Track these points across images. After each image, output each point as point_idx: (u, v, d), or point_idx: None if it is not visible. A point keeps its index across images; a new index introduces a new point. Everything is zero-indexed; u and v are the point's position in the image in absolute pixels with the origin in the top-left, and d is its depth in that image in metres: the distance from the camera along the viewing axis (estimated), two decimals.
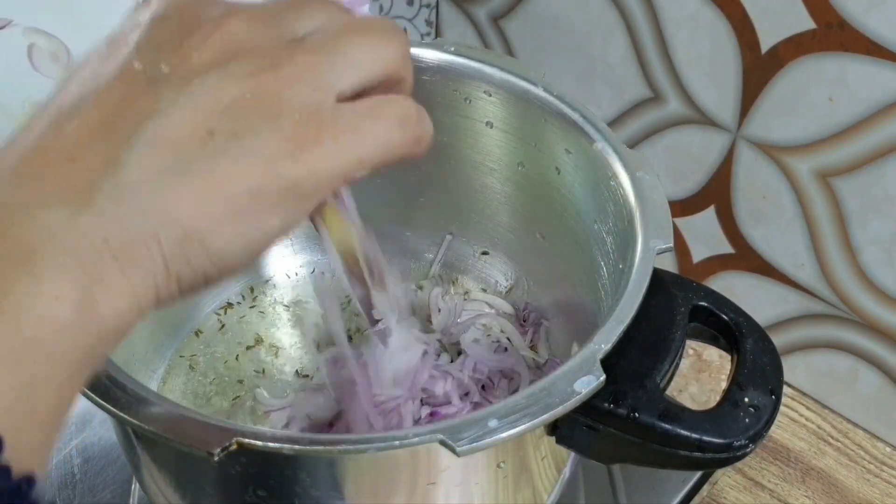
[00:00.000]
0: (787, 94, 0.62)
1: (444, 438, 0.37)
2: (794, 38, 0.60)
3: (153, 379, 0.59)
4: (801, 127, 0.62)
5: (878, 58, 0.57)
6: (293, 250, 0.66)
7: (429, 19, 0.81)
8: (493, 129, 0.58)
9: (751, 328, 0.45)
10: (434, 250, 0.66)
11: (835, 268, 0.66)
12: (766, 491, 0.65)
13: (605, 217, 0.51)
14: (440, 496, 0.43)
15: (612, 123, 0.72)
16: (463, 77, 0.56)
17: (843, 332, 0.68)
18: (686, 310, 0.45)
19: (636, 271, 0.44)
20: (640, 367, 0.42)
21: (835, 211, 0.63)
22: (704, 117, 0.67)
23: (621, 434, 0.41)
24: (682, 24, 0.65)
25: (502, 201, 0.61)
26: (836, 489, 0.66)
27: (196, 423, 0.38)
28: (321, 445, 0.38)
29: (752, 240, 0.69)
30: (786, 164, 0.64)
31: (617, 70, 0.70)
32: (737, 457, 0.41)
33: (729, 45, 0.63)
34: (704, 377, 0.71)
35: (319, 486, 0.41)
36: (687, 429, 0.40)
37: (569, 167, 0.54)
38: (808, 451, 0.68)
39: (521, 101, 0.55)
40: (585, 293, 0.55)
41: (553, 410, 0.38)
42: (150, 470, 0.47)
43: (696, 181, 0.70)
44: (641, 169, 0.49)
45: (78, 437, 0.63)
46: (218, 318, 0.63)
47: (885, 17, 0.56)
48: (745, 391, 0.42)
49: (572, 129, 0.53)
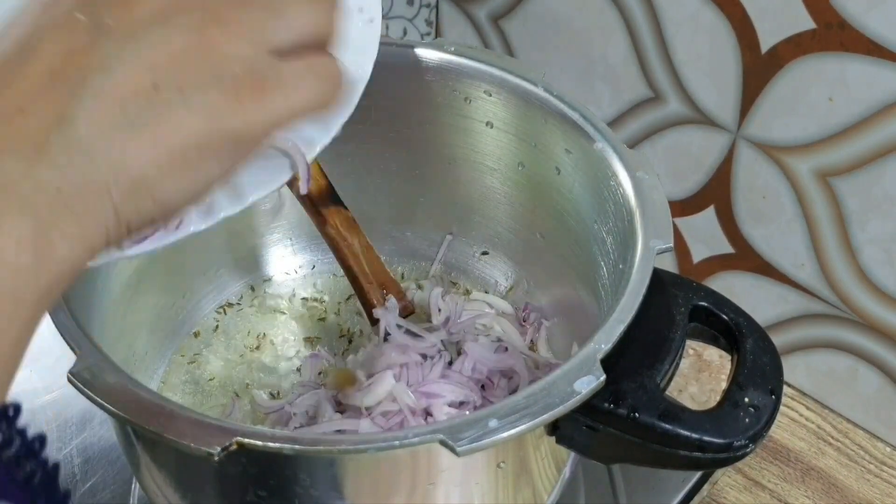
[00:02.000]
0: (787, 94, 0.62)
1: (444, 438, 0.37)
2: (794, 38, 0.60)
3: (153, 379, 0.59)
4: (801, 127, 0.62)
5: (878, 58, 0.57)
6: (293, 250, 0.66)
7: (429, 19, 0.81)
8: (493, 129, 0.58)
9: (751, 328, 0.45)
10: (434, 250, 0.66)
11: (835, 268, 0.66)
12: (766, 491, 0.65)
13: (605, 217, 0.51)
14: (440, 496, 0.43)
15: (612, 123, 0.72)
16: (463, 77, 0.56)
17: (843, 332, 0.68)
18: (686, 310, 0.45)
19: (636, 271, 0.44)
20: (640, 368, 0.42)
21: (835, 211, 0.63)
22: (704, 117, 0.67)
23: (621, 434, 0.41)
24: (682, 24, 0.65)
25: (502, 201, 0.61)
26: (836, 489, 0.66)
27: (196, 423, 0.38)
28: (321, 445, 0.38)
29: (752, 240, 0.69)
30: (786, 164, 0.64)
31: (617, 70, 0.70)
32: (737, 457, 0.41)
33: (729, 45, 0.63)
34: (704, 377, 0.71)
35: (319, 486, 0.41)
36: (687, 429, 0.40)
37: (569, 167, 0.54)
38: (808, 451, 0.68)
39: (521, 101, 0.55)
40: (585, 293, 0.55)
41: (553, 410, 0.38)
42: (150, 470, 0.47)
43: (696, 181, 0.70)
44: (641, 169, 0.49)
45: (78, 437, 0.63)
46: (217, 317, 0.63)
47: (885, 17, 0.56)
48: (745, 391, 0.42)
49: (572, 129, 0.53)
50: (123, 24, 0.30)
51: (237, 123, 0.31)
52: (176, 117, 0.30)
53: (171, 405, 0.39)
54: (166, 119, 0.30)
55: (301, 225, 0.64)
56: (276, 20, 0.32)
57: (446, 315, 0.60)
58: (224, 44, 0.31)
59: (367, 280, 0.58)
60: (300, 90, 0.33)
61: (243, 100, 0.31)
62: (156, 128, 0.29)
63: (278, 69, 0.32)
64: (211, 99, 0.30)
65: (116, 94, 0.29)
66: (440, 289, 0.62)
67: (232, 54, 0.31)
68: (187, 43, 0.30)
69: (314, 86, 0.33)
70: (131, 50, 0.30)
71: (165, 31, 0.30)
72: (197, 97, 0.30)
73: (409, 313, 0.59)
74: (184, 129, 0.30)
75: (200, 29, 0.30)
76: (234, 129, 0.31)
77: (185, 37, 0.30)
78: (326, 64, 0.34)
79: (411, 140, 0.61)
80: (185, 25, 0.30)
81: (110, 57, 0.29)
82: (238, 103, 0.31)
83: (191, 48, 0.30)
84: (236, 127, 0.31)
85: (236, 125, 0.31)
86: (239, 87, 0.31)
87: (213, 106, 0.30)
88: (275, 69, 0.32)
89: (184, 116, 0.30)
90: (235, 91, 0.31)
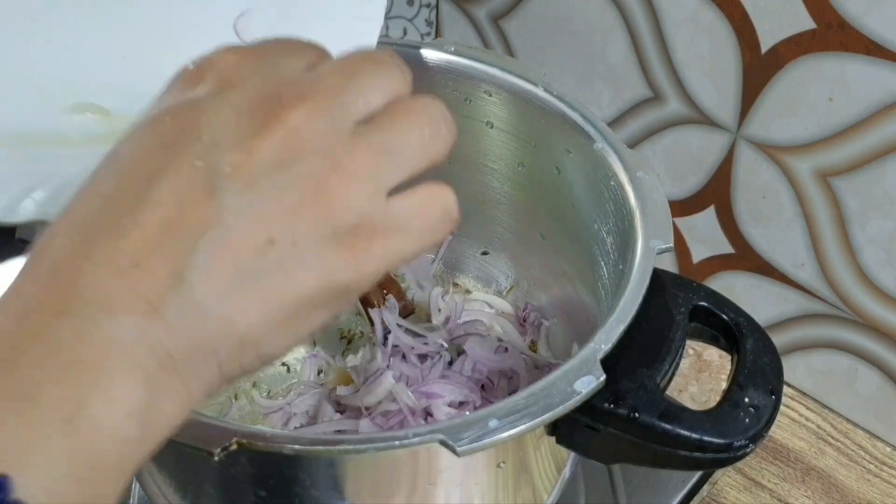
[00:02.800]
0: (787, 94, 0.62)
1: (444, 438, 0.37)
2: (794, 38, 0.60)
3: None
4: (801, 127, 0.62)
5: (878, 58, 0.57)
6: None
7: (429, 19, 0.81)
8: (493, 129, 0.58)
9: (751, 328, 0.45)
10: (434, 250, 0.66)
11: (835, 268, 0.66)
12: (766, 491, 0.65)
13: (605, 217, 0.51)
14: (440, 496, 0.43)
15: (612, 123, 0.72)
16: (463, 77, 0.56)
17: (843, 332, 0.68)
18: (686, 310, 0.45)
19: (636, 271, 0.44)
20: (640, 368, 0.42)
21: (835, 211, 0.63)
22: (704, 117, 0.67)
23: (621, 434, 0.41)
24: (682, 24, 0.65)
25: (502, 201, 0.61)
26: (836, 489, 0.66)
27: (196, 423, 0.38)
28: (321, 445, 0.38)
29: (752, 239, 0.69)
30: (786, 164, 0.64)
31: (617, 70, 0.70)
32: (737, 457, 0.41)
33: (729, 45, 0.63)
34: (704, 377, 0.71)
35: (319, 486, 0.41)
36: (687, 429, 0.40)
37: (569, 167, 0.54)
38: (808, 451, 0.68)
39: (521, 101, 0.55)
40: (585, 293, 0.55)
41: (553, 410, 0.38)
42: (150, 470, 0.47)
43: (696, 181, 0.70)
44: (641, 169, 0.49)
45: None
46: None
47: (885, 17, 0.56)
48: (746, 391, 0.42)
49: (572, 129, 0.53)
50: (242, 172, 0.29)
51: (349, 276, 0.30)
52: (288, 276, 0.29)
53: None
54: (279, 278, 0.29)
55: None
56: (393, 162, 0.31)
57: (446, 315, 0.60)
58: (341, 194, 0.29)
59: None
60: (413, 231, 0.31)
61: (357, 252, 0.30)
62: (268, 285, 0.29)
63: (392, 213, 0.31)
64: (325, 255, 0.29)
65: (232, 250, 0.28)
66: (440, 289, 0.62)
67: (347, 205, 0.29)
68: (304, 194, 0.29)
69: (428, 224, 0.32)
70: (249, 200, 0.28)
71: (283, 180, 0.29)
72: (311, 253, 0.29)
73: (409, 313, 0.59)
74: (296, 287, 0.29)
75: (318, 178, 0.29)
76: (345, 281, 0.30)
77: (302, 187, 0.29)
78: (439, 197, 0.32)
79: None
80: (303, 174, 0.29)
81: (227, 209, 0.28)
82: (352, 257, 0.30)
83: (308, 200, 0.29)
84: (348, 279, 0.30)
85: (348, 278, 0.30)
86: (353, 239, 0.30)
87: (327, 261, 0.29)
88: (388, 214, 0.31)
89: (297, 273, 0.29)
90: (350, 244, 0.30)
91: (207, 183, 0.28)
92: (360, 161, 0.30)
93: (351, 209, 0.29)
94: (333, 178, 0.29)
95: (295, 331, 0.30)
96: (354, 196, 0.30)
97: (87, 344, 0.26)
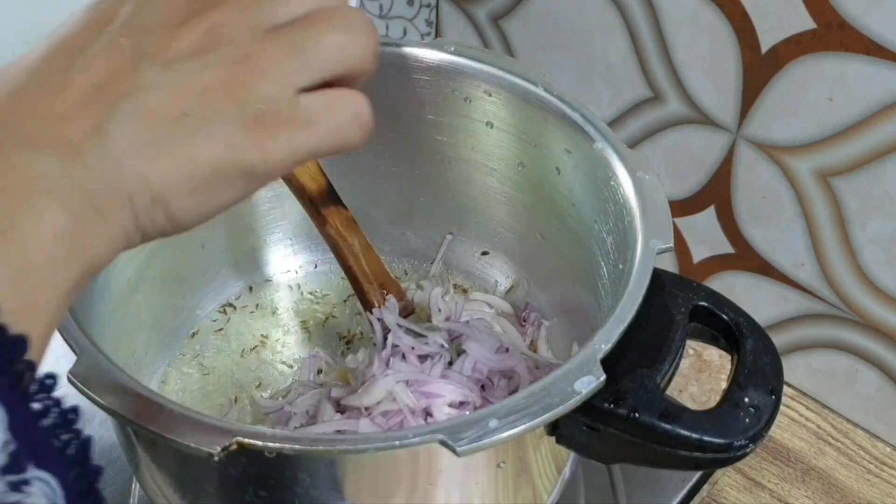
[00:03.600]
0: (787, 94, 0.62)
1: (444, 438, 0.37)
2: (794, 38, 0.60)
3: (153, 379, 0.59)
4: (801, 127, 0.62)
5: (878, 58, 0.57)
6: (293, 250, 0.66)
7: (429, 19, 0.81)
8: (493, 129, 0.58)
9: (751, 328, 0.45)
10: (434, 250, 0.66)
11: (835, 268, 0.66)
12: (766, 491, 0.65)
13: (605, 217, 0.51)
14: (440, 496, 0.43)
15: (612, 123, 0.72)
16: (463, 77, 0.56)
17: (842, 332, 0.68)
18: (686, 310, 0.45)
19: (636, 271, 0.44)
20: (640, 368, 0.42)
21: (835, 211, 0.63)
22: (704, 117, 0.67)
23: (621, 434, 0.41)
24: (682, 24, 0.65)
25: (502, 201, 0.61)
26: (836, 489, 0.66)
27: (196, 423, 0.38)
28: (321, 445, 0.38)
29: (752, 239, 0.69)
30: (786, 164, 0.64)
31: (617, 70, 0.70)
32: (737, 457, 0.41)
33: (729, 45, 0.63)
34: (704, 377, 0.71)
35: (319, 486, 0.41)
36: (687, 429, 0.40)
37: (569, 167, 0.54)
38: (808, 451, 0.68)
39: (521, 101, 0.55)
40: (585, 293, 0.55)
41: (553, 410, 0.38)
42: (150, 470, 0.47)
43: (696, 181, 0.70)
44: (641, 169, 0.49)
45: None
46: (217, 317, 0.63)
47: (885, 17, 0.56)
48: (745, 391, 0.42)
49: (572, 129, 0.53)
50: (163, 55, 0.33)
51: (253, 156, 0.33)
52: (198, 144, 0.32)
53: (172, 405, 0.39)
54: (189, 144, 0.32)
55: (301, 225, 0.64)
56: (304, 60, 0.34)
57: (446, 315, 0.60)
58: (250, 82, 0.33)
59: (367, 280, 0.58)
60: (319, 127, 0.34)
61: (261, 135, 0.33)
62: (179, 150, 0.32)
63: (300, 107, 0.34)
64: (231, 131, 0.32)
65: (149, 115, 0.32)
66: (440, 289, 0.62)
67: (255, 90, 0.33)
68: (216, 78, 0.33)
69: (335, 123, 0.35)
70: (167, 78, 0.32)
71: (198, 65, 0.33)
72: (218, 128, 0.32)
73: (409, 313, 0.60)
74: (203, 156, 0.32)
75: (229, 65, 0.33)
76: (250, 161, 0.33)
77: (215, 73, 0.33)
78: (349, 100, 0.35)
79: (411, 140, 0.61)
80: (216, 62, 0.33)
81: (147, 82, 0.32)
82: (256, 138, 0.33)
83: (219, 83, 0.33)
84: (252, 159, 0.33)
85: (252, 158, 0.33)
86: (258, 123, 0.33)
87: (231, 138, 0.32)
88: (296, 107, 0.34)
89: (205, 144, 0.32)
90: (255, 126, 0.33)
91: (133, 59, 0.32)
92: (270, 55, 0.33)
93: (257, 96, 0.33)
94: (242, 67, 0.33)
95: (203, 200, 0.33)
96: (261, 85, 0.33)
97: (16, 173, 0.29)
